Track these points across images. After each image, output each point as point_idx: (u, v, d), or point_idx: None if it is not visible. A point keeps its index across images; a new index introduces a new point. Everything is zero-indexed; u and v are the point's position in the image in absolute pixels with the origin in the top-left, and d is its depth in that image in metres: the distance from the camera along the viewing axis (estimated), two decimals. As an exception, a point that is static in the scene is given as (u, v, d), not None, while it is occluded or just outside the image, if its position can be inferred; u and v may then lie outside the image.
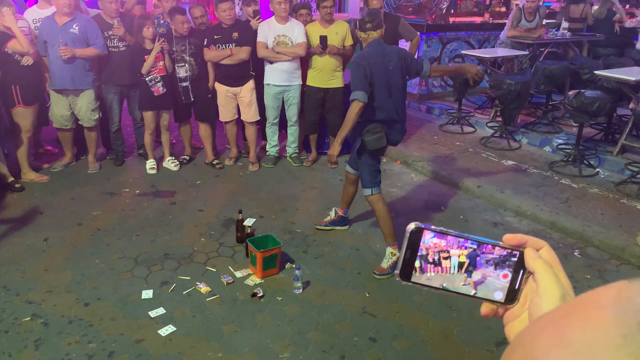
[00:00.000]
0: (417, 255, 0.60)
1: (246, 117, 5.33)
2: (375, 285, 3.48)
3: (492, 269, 0.60)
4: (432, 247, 0.60)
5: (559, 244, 4.09)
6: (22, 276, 3.46)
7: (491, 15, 8.92)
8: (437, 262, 0.60)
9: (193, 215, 4.38)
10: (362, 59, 3.38)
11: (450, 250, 0.60)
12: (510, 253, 0.60)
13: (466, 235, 0.60)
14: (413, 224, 0.60)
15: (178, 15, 4.90)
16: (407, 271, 0.60)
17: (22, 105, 4.65)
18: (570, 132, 6.20)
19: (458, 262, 0.60)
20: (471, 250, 0.60)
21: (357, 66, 3.36)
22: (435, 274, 0.60)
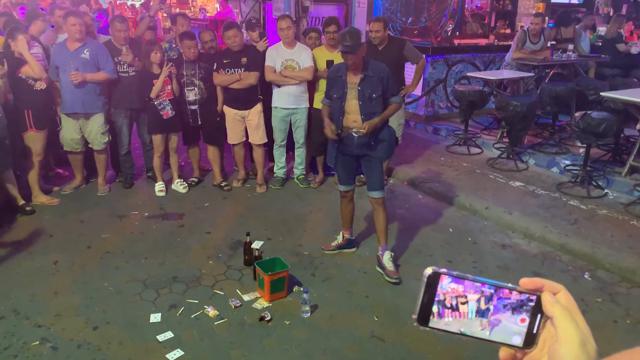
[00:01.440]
0: (434, 300, 0.60)
1: (254, 140, 5.39)
2: (383, 308, 3.46)
3: (509, 313, 0.60)
4: (449, 292, 0.60)
5: (569, 267, 4.06)
6: (32, 299, 3.48)
7: (496, 37, 8.99)
8: (454, 307, 0.60)
9: (201, 238, 4.40)
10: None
11: (468, 295, 0.60)
12: (527, 297, 0.61)
13: (483, 280, 0.60)
14: (430, 268, 0.61)
15: (186, 40, 5.00)
16: (424, 316, 0.61)
17: (33, 129, 4.73)
18: (577, 153, 6.19)
19: (476, 307, 0.60)
20: (488, 294, 0.60)
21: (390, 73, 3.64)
22: (453, 319, 0.61)
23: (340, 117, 3.66)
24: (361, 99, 3.58)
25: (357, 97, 3.58)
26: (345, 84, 3.61)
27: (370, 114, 3.57)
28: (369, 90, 3.56)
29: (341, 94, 3.62)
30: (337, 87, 3.65)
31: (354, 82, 3.59)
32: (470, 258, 4.17)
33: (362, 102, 3.58)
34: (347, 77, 3.61)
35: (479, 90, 6.27)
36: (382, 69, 3.59)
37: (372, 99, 3.57)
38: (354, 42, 3.42)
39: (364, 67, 3.55)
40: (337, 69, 3.70)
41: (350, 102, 3.61)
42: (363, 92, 3.56)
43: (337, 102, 3.67)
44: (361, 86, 3.56)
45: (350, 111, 3.63)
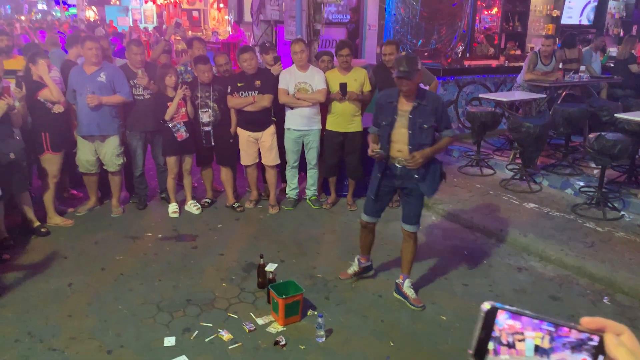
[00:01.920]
0: (491, 337, 0.59)
1: (267, 161, 5.41)
2: (399, 333, 3.42)
3: (569, 352, 0.58)
4: (506, 328, 0.59)
5: (587, 290, 3.99)
6: (46, 322, 3.47)
7: (506, 59, 9.04)
8: (511, 345, 0.59)
9: (214, 260, 4.39)
10: None
11: (525, 332, 0.59)
12: (588, 337, 0.59)
13: (542, 317, 0.59)
14: (488, 303, 0.59)
15: (200, 64, 5.06)
16: (480, 352, 0.59)
17: (50, 151, 4.79)
18: (591, 175, 6.15)
19: (534, 345, 0.59)
20: (547, 332, 0.59)
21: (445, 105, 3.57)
22: (509, 357, 0.59)
23: (387, 145, 3.45)
24: (411, 127, 3.37)
25: (407, 125, 3.38)
26: (395, 110, 3.42)
27: (419, 145, 3.37)
28: (420, 120, 3.36)
29: (390, 120, 3.42)
30: (387, 113, 3.45)
31: (406, 110, 3.39)
32: (486, 281, 4.12)
33: (412, 132, 3.37)
34: (398, 104, 3.43)
35: (491, 112, 6.27)
36: (437, 99, 3.46)
37: (423, 129, 3.36)
38: (410, 68, 3.23)
39: (418, 95, 3.38)
40: (387, 95, 3.51)
41: (398, 130, 3.41)
42: (414, 121, 3.36)
43: (384, 129, 3.46)
44: (413, 114, 3.36)
45: (397, 140, 3.43)
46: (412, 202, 3.59)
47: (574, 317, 3.62)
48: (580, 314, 3.59)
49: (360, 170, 5.48)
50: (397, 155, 3.46)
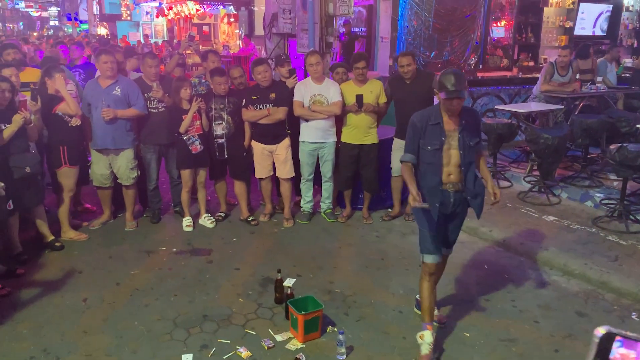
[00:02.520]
0: None
1: (281, 174, 5.36)
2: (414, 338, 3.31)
3: None
4: (617, 358, 0.52)
5: (614, 306, 3.87)
6: (62, 338, 3.41)
7: (520, 70, 8.99)
8: None
9: (230, 274, 4.32)
10: None
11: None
12: None
13: None
14: (602, 328, 0.53)
15: (217, 77, 5.05)
16: None
17: (67, 165, 4.77)
18: (611, 186, 6.04)
19: None
20: None
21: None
22: None
23: (439, 171, 3.18)
24: (462, 147, 3.14)
25: (458, 146, 3.15)
26: (443, 132, 3.14)
27: (469, 164, 3.19)
28: (469, 138, 3.16)
29: (439, 144, 3.14)
30: (432, 136, 3.15)
31: (454, 130, 3.15)
32: (508, 296, 4.01)
33: (464, 152, 3.15)
34: (444, 124, 3.16)
35: (507, 123, 6.20)
36: (475, 114, 3.34)
37: (471, 147, 3.18)
38: (461, 86, 3.01)
39: (462, 112, 3.16)
40: (427, 116, 3.18)
41: (447, 152, 3.16)
42: (464, 140, 3.14)
43: (432, 154, 3.16)
44: (462, 134, 3.14)
45: (447, 163, 3.18)
46: (459, 226, 3.42)
47: (603, 334, 3.50)
48: (608, 330, 3.48)
49: (376, 183, 5.41)
50: (449, 180, 3.18)
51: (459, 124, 3.14)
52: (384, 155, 5.42)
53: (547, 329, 3.57)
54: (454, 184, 3.19)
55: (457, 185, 3.19)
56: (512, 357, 3.27)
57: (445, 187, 3.19)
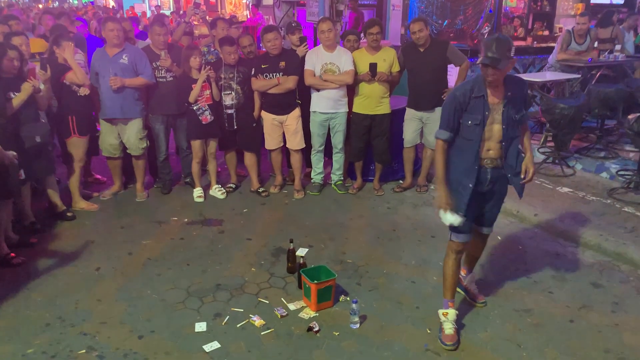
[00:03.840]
0: None
1: (292, 145, 5.30)
2: (436, 320, 3.29)
3: None
4: None
5: (630, 277, 3.83)
6: (76, 306, 3.43)
7: (534, 39, 8.77)
8: None
9: (242, 245, 4.31)
10: None
11: None
12: None
13: None
14: None
15: (226, 46, 4.95)
16: None
17: (77, 135, 4.74)
18: (627, 158, 5.92)
19: None
20: None
21: None
22: None
23: (477, 147, 2.95)
24: (505, 122, 2.91)
25: (502, 120, 2.92)
26: (487, 105, 2.89)
27: (512, 139, 2.97)
28: (513, 111, 2.92)
29: (481, 119, 2.90)
30: (475, 110, 2.90)
31: (497, 103, 2.90)
32: (522, 267, 3.98)
33: (506, 126, 2.92)
34: (488, 97, 2.91)
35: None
36: (522, 84, 3.01)
37: (516, 121, 2.95)
38: (500, 54, 2.72)
39: (506, 84, 2.91)
40: (468, 89, 2.91)
41: (490, 127, 2.93)
42: (508, 114, 2.90)
43: (474, 130, 2.93)
44: (506, 107, 2.90)
45: (488, 138, 2.96)
46: (497, 204, 3.19)
47: (618, 304, 3.48)
48: (624, 301, 3.43)
49: (387, 154, 5.34)
50: (487, 156, 2.98)
51: (503, 97, 2.89)
52: (396, 126, 5.33)
53: (562, 300, 3.54)
54: (492, 160, 2.98)
55: (495, 161, 2.99)
56: (527, 327, 3.25)
57: (483, 162, 2.98)
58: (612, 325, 3.27)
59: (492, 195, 3.13)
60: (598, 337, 3.16)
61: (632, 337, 3.16)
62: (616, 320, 3.32)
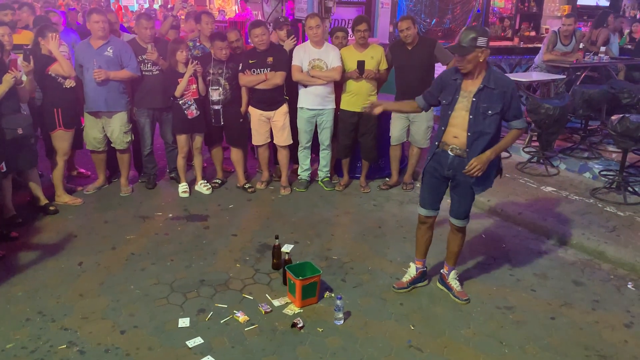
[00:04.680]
0: None
1: (279, 141, 5.28)
2: (419, 317, 3.32)
3: None
4: None
5: (610, 276, 3.89)
6: (58, 301, 3.39)
7: (521, 40, 8.84)
8: None
9: (227, 240, 4.29)
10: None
11: None
12: None
13: None
14: None
15: (218, 41, 4.89)
16: None
17: (62, 128, 4.67)
18: (610, 158, 6.01)
19: None
20: None
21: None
22: None
23: (443, 128, 3.13)
24: (473, 112, 3.00)
25: (469, 108, 3.02)
26: (458, 89, 3.08)
27: (480, 133, 3.02)
28: (485, 105, 2.98)
29: (450, 100, 3.09)
30: (448, 91, 3.12)
31: (470, 91, 3.03)
32: (505, 265, 4.02)
33: (474, 117, 3.01)
34: (462, 83, 3.07)
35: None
36: (507, 83, 3.03)
37: (487, 115, 2.98)
38: (466, 42, 2.90)
39: (486, 76, 3.00)
40: (452, 72, 3.15)
41: (458, 112, 3.07)
42: (477, 105, 2.99)
43: (444, 109, 3.15)
44: (477, 97, 3.00)
45: (456, 124, 3.09)
46: (463, 195, 3.24)
47: (599, 302, 3.53)
48: (604, 299, 3.48)
49: (374, 152, 5.35)
50: (452, 142, 3.10)
51: (478, 87, 3.00)
52: (383, 124, 5.34)
53: (544, 297, 3.58)
54: (454, 148, 3.11)
55: (459, 150, 3.10)
56: (509, 324, 3.28)
57: (447, 148, 3.13)
58: (592, 323, 3.32)
59: (457, 184, 3.24)
60: (579, 334, 3.21)
61: (612, 334, 3.21)
62: (596, 318, 3.37)
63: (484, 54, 2.95)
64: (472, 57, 2.94)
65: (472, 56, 2.94)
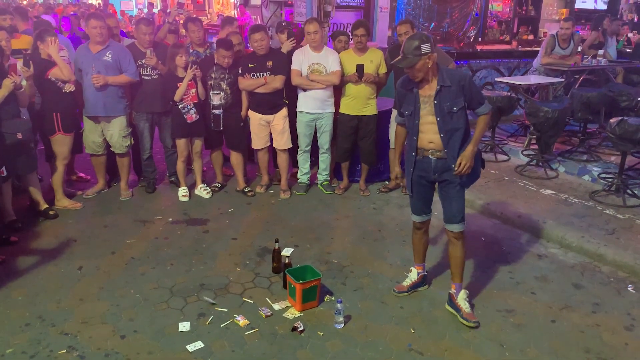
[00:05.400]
0: None
1: (278, 145, 5.29)
2: (419, 320, 3.32)
3: None
4: None
5: (610, 278, 3.89)
6: (58, 306, 3.38)
7: (519, 43, 8.87)
8: None
9: (227, 244, 4.29)
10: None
11: None
12: None
13: None
14: None
15: (222, 49, 4.88)
16: None
17: (61, 132, 4.67)
18: (609, 161, 6.02)
19: None
20: None
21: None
22: None
23: (414, 137, 3.14)
24: (439, 114, 3.02)
25: (434, 112, 3.04)
26: (417, 98, 3.07)
27: (452, 131, 3.05)
28: (448, 103, 3.01)
29: (413, 110, 3.09)
30: (408, 102, 3.12)
31: (429, 95, 3.03)
32: (505, 268, 4.02)
33: (441, 118, 3.03)
34: (419, 90, 3.07)
35: (507, 96, 6.13)
36: (460, 76, 3.04)
37: (453, 112, 3.01)
38: (408, 53, 2.92)
39: (439, 77, 3.02)
40: (406, 81, 3.14)
41: (425, 118, 3.08)
42: (441, 106, 3.01)
43: (409, 120, 3.14)
44: (438, 99, 3.01)
45: (426, 130, 3.10)
46: (453, 196, 3.20)
47: (599, 305, 3.53)
48: (605, 302, 3.48)
49: (374, 155, 5.36)
50: (429, 147, 3.12)
51: (435, 89, 3.01)
52: (382, 127, 5.35)
53: (544, 300, 3.58)
54: (434, 152, 3.13)
55: (438, 152, 3.12)
56: (509, 327, 3.28)
57: (427, 154, 3.15)
58: (593, 326, 3.31)
59: (444, 186, 3.23)
60: (579, 336, 3.21)
61: (612, 337, 3.21)
62: (597, 321, 3.36)
63: (431, 59, 2.96)
64: (421, 65, 2.95)
65: (420, 64, 2.94)
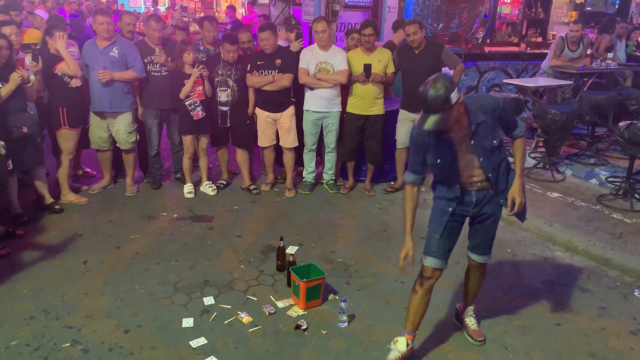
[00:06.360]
0: None
1: (285, 143, 5.28)
2: (423, 321, 3.28)
3: None
4: None
5: (617, 283, 3.86)
6: (62, 300, 3.39)
7: (528, 45, 8.82)
8: None
9: (231, 241, 4.29)
10: None
11: None
12: None
13: None
14: None
15: (227, 44, 4.88)
16: None
17: (67, 127, 4.68)
18: (617, 165, 5.97)
19: None
20: None
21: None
22: None
23: (456, 185, 2.70)
24: (481, 153, 2.60)
25: (473, 151, 2.60)
26: (451, 142, 2.59)
27: (497, 166, 2.66)
28: (487, 139, 2.58)
29: (450, 156, 2.61)
30: (442, 149, 2.60)
31: (464, 136, 2.58)
32: (512, 271, 3.99)
33: (484, 157, 2.61)
34: (451, 133, 2.58)
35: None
36: (494, 105, 2.60)
37: (494, 147, 2.60)
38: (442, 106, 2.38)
39: (470, 115, 2.54)
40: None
41: (464, 158, 2.63)
42: (482, 145, 2.58)
43: (445, 167, 2.66)
44: (475, 139, 2.57)
45: (466, 167, 2.66)
46: (489, 228, 2.86)
47: (605, 309, 3.50)
48: (610, 306, 3.45)
49: (380, 155, 5.34)
50: (471, 181, 2.70)
51: (468, 128, 2.56)
52: (388, 127, 5.33)
53: (550, 303, 3.56)
54: (476, 184, 2.70)
55: (483, 183, 2.71)
56: (514, 330, 3.26)
57: (469, 187, 2.71)
58: (598, 330, 3.29)
59: (483, 219, 2.83)
60: (584, 340, 3.18)
61: (618, 341, 3.18)
62: (602, 325, 3.34)
63: (462, 103, 2.47)
64: (455, 115, 2.46)
65: (454, 115, 2.45)
